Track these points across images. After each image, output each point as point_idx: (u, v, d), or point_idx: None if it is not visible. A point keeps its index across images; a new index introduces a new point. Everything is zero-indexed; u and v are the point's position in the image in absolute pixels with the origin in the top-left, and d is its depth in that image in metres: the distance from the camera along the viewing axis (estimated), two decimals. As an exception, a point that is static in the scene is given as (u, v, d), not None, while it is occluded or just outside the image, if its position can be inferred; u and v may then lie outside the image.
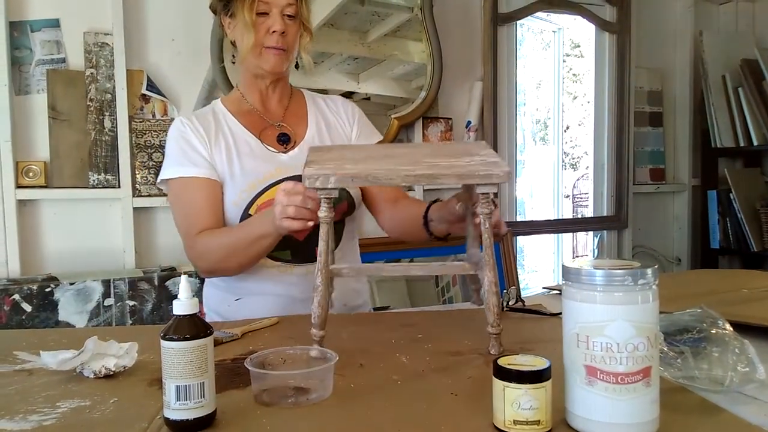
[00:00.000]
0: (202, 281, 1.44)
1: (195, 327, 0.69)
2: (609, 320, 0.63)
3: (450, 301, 2.49)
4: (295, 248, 1.29)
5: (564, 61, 3.31)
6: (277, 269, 1.31)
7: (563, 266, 0.68)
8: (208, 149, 1.31)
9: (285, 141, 1.36)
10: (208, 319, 1.39)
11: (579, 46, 3.75)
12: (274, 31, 1.27)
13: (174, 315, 0.70)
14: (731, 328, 0.85)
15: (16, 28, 2.00)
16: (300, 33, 1.33)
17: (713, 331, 0.84)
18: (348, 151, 1.08)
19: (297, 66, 1.40)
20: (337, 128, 1.42)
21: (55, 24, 2.04)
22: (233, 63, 1.99)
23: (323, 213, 0.93)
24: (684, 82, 3.17)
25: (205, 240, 1.24)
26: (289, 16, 1.28)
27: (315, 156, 1.02)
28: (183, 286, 0.71)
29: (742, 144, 3.02)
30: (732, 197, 3.09)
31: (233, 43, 1.37)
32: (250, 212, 1.28)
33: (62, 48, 2.05)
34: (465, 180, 0.94)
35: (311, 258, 1.22)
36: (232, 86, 2.15)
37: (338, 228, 1.36)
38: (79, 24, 2.06)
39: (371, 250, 2.15)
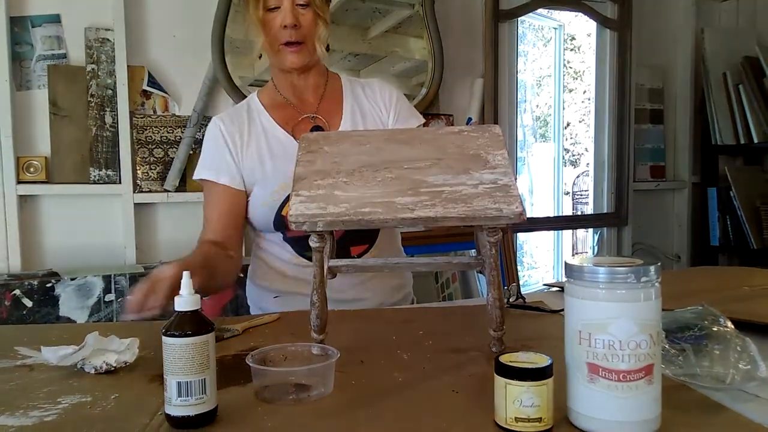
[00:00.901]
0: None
1: (196, 323, 0.69)
2: (612, 318, 0.63)
3: (450, 297, 2.49)
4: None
5: (565, 58, 3.31)
6: (311, 269, 1.30)
7: (566, 263, 0.68)
8: (239, 153, 1.31)
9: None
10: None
11: (574, 38, 3.74)
12: (285, 26, 1.24)
13: (175, 311, 0.70)
14: (733, 326, 0.85)
15: (16, 24, 2.00)
16: (315, 21, 1.28)
17: (715, 329, 0.84)
18: (342, 146, 1.00)
19: (327, 48, 1.35)
20: (373, 116, 1.38)
21: (55, 19, 2.03)
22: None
23: (315, 243, 0.91)
24: (685, 79, 3.17)
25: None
26: (301, 5, 1.25)
27: (304, 165, 0.96)
28: (184, 283, 0.71)
29: (742, 141, 3.02)
30: (732, 195, 3.09)
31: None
32: (282, 213, 1.28)
33: (63, 43, 2.05)
34: (471, 222, 0.85)
35: (345, 257, 1.26)
36: (234, 82, 2.16)
37: None
38: (79, 19, 2.05)
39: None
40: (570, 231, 3.77)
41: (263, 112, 1.35)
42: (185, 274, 0.73)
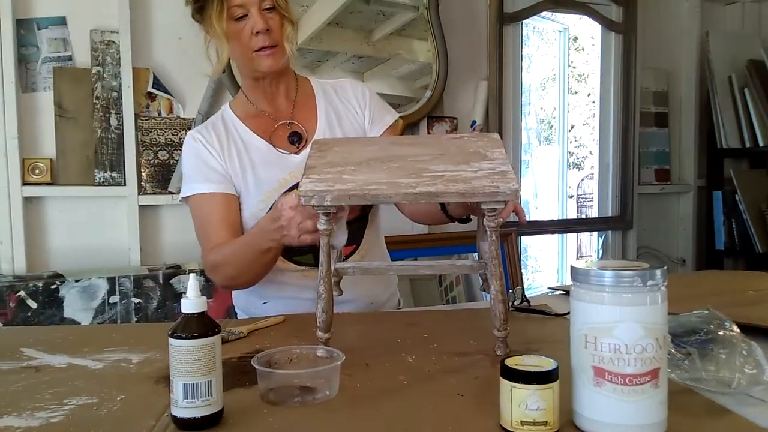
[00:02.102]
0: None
1: (203, 325, 0.70)
2: (617, 321, 0.63)
3: (453, 300, 2.49)
4: (318, 252, 1.29)
5: (569, 60, 3.31)
6: (301, 273, 1.30)
7: (572, 267, 0.68)
8: (223, 161, 1.30)
9: (296, 140, 1.32)
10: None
11: (576, 39, 3.74)
12: (257, 32, 1.22)
13: (182, 313, 0.71)
14: (738, 330, 0.85)
15: (23, 26, 2.01)
16: (282, 23, 1.26)
17: (720, 333, 0.84)
18: (351, 147, 1.04)
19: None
20: (348, 117, 1.37)
21: (61, 22, 2.04)
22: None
23: (322, 225, 0.92)
24: (690, 82, 3.17)
25: (216, 255, 1.23)
26: (267, 9, 1.23)
27: (315, 159, 0.99)
28: (191, 285, 0.72)
29: (747, 145, 3.02)
30: (737, 198, 3.08)
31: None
32: None
33: (69, 46, 2.05)
34: (469, 199, 0.89)
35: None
36: (239, 85, 2.16)
37: (360, 226, 1.34)
38: (85, 22, 2.06)
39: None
40: (574, 234, 3.77)
41: (239, 123, 1.34)
42: (192, 276, 0.73)
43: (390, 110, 1.42)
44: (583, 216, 4.11)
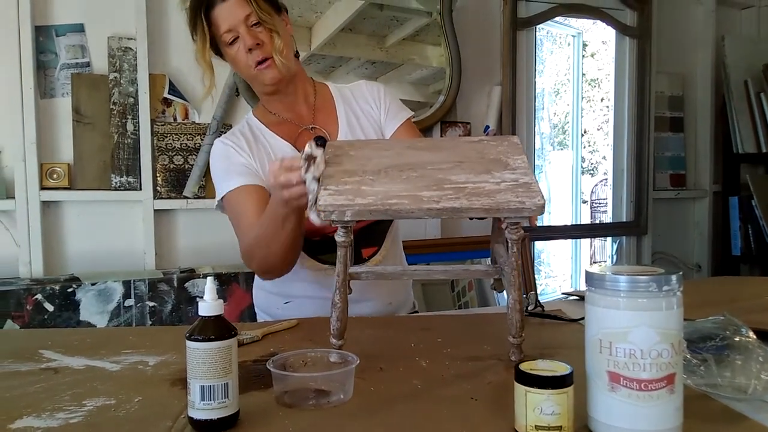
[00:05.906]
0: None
1: (220, 328, 0.70)
2: (633, 326, 0.63)
3: (466, 305, 2.49)
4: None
5: (583, 65, 3.30)
6: (324, 272, 1.31)
7: (586, 272, 0.68)
8: (254, 162, 1.30)
9: (321, 144, 1.34)
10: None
11: (586, 45, 3.72)
12: (250, 49, 1.24)
13: (199, 316, 0.71)
14: (754, 336, 0.84)
15: (41, 33, 2.04)
16: (270, 35, 1.27)
17: (736, 339, 0.84)
18: (366, 152, 1.03)
19: (297, 54, 1.36)
20: (366, 116, 1.39)
21: (79, 29, 2.07)
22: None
23: (341, 237, 0.92)
24: (705, 87, 3.15)
25: (248, 240, 1.23)
26: (254, 25, 1.25)
27: (332, 166, 0.98)
28: (209, 288, 0.73)
29: (764, 150, 2.99)
30: (754, 204, 3.05)
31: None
32: None
33: (87, 52, 2.08)
34: (494, 214, 0.87)
35: (358, 260, 1.28)
36: (252, 90, 2.18)
37: (382, 227, 1.36)
38: (103, 29, 2.08)
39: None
40: (588, 240, 3.75)
41: (263, 128, 1.36)
42: (209, 280, 0.74)
43: (404, 108, 1.44)
44: (597, 221, 4.09)
